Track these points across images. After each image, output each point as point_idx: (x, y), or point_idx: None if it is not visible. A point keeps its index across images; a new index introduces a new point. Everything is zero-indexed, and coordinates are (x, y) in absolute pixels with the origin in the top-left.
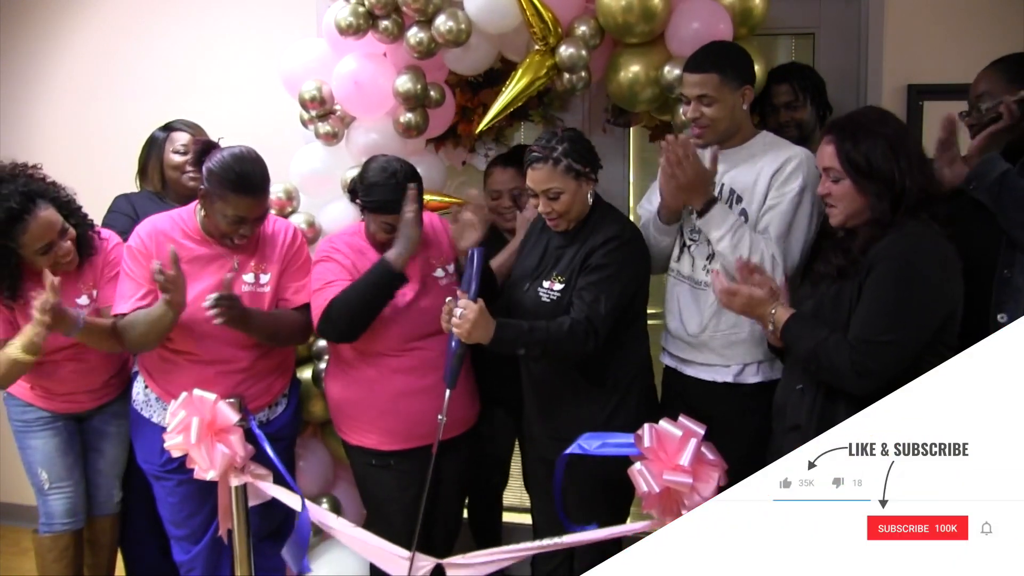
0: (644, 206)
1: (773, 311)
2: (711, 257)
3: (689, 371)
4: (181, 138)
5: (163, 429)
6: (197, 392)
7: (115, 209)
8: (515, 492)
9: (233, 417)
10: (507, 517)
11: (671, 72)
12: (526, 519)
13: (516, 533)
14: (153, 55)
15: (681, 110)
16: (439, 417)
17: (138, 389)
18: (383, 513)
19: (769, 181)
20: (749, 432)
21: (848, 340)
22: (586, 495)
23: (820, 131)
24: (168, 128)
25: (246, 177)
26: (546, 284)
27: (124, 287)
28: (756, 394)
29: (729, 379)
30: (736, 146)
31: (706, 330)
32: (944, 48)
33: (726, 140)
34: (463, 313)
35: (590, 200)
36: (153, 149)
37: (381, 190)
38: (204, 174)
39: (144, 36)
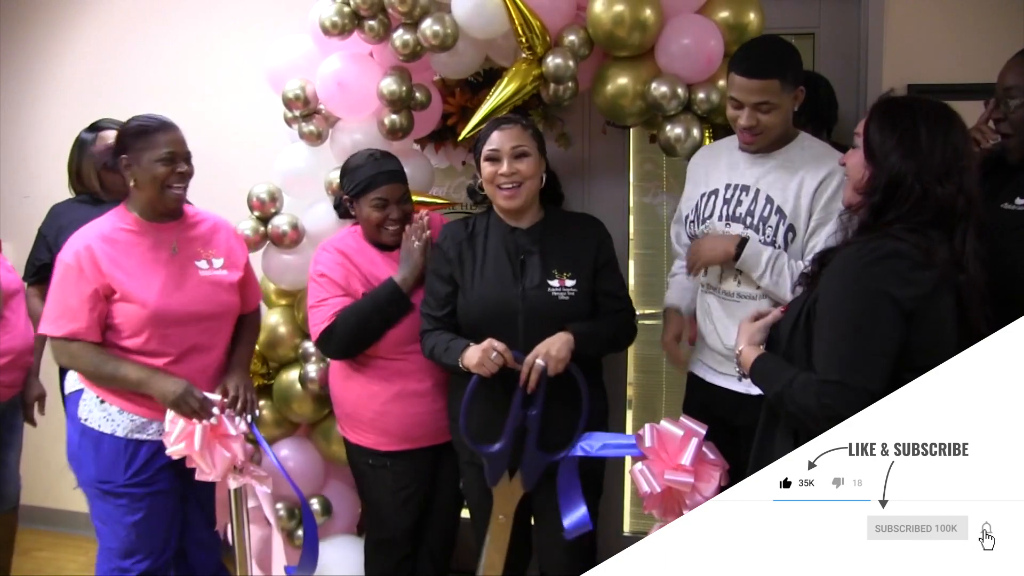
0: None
1: (739, 350)
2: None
3: (721, 382)
4: (111, 136)
5: (129, 442)
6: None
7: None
8: None
9: (233, 431)
10: None
11: (657, 88)
12: None
13: None
14: (154, 55)
15: (729, 114)
16: (500, 517)
17: (89, 407)
18: (378, 513)
19: (812, 197)
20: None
21: (815, 380)
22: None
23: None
24: (95, 128)
25: (155, 117)
26: (554, 283)
27: (58, 304)
28: None
29: None
30: (772, 150)
31: None
32: (944, 48)
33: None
34: (548, 354)
35: (542, 180)
36: (84, 151)
37: (363, 170)
38: (118, 147)
39: (145, 36)
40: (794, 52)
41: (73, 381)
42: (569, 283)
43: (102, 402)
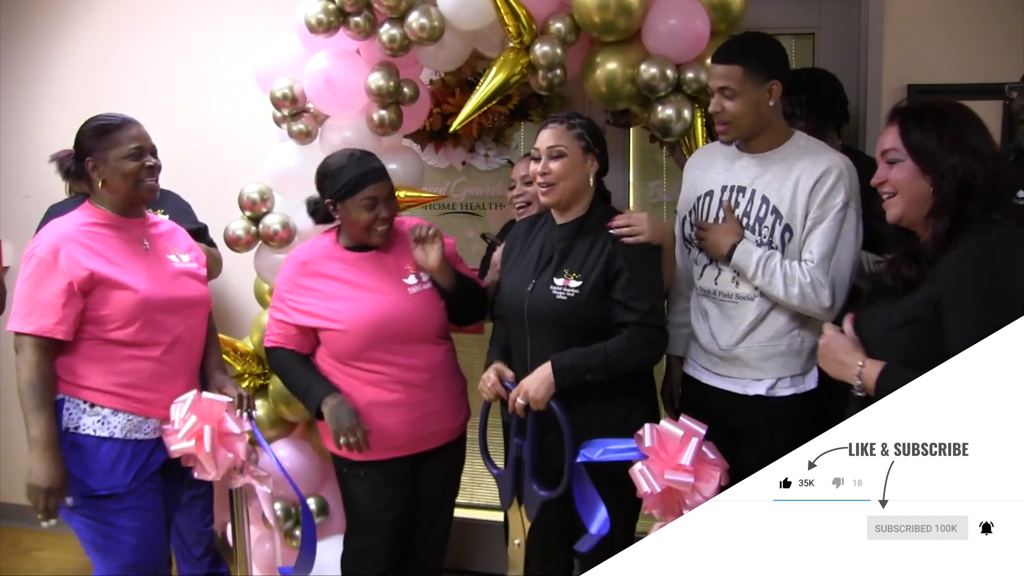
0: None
1: (861, 364)
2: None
3: (716, 383)
4: None
5: (127, 442)
6: (206, 395)
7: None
8: (493, 490)
9: (237, 428)
10: (491, 516)
11: (647, 71)
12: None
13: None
14: (152, 56)
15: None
16: (515, 543)
17: (76, 415)
18: (356, 521)
19: (808, 195)
20: (779, 442)
21: None
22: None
23: (830, 139)
24: None
25: (115, 115)
26: (559, 282)
27: (28, 299)
28: (787, 406)
29: (761, 392)
30: (767, 150)
31: (740, 344)
32: (944, 48)
33: (753, 139)
34: (527, 394)
35: (590, 183)
36: None
37: (348, 170)
38: (80, 151)
39: (144, 37)
40: (769, 45)
41: None
42: (574, 284)
43: (92, 405)
